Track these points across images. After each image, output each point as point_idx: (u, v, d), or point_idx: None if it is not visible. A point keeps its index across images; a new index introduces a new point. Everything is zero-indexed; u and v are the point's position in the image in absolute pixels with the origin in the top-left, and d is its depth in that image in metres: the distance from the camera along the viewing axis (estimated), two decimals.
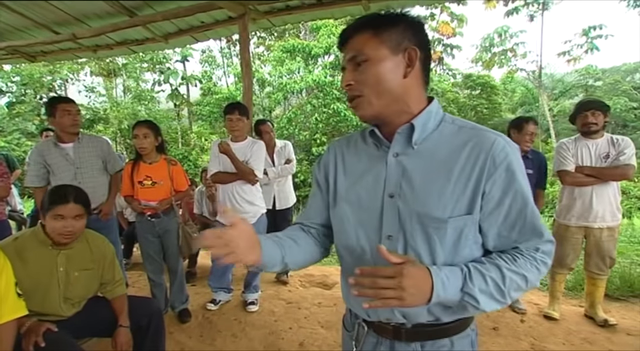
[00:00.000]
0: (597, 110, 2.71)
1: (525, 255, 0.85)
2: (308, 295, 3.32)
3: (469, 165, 0.84)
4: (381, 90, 0.85)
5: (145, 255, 2.90)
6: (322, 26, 13.55)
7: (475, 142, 0.85)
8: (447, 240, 0.85)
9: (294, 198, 3.98)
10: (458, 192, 0.84)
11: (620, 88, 22.12)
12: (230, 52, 18.40)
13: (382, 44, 0.85)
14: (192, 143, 16.54)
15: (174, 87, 17.98)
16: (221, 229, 0.81)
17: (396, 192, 0.88)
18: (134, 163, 2.80)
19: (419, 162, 0.88)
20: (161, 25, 4.24)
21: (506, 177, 0.83)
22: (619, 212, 2.78)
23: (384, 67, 0.85)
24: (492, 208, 0.85)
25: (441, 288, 0.77)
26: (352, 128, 13.13)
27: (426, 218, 0.85)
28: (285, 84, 13.32)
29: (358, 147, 1.00)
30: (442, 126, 0.90)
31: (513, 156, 0.84)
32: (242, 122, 2.86)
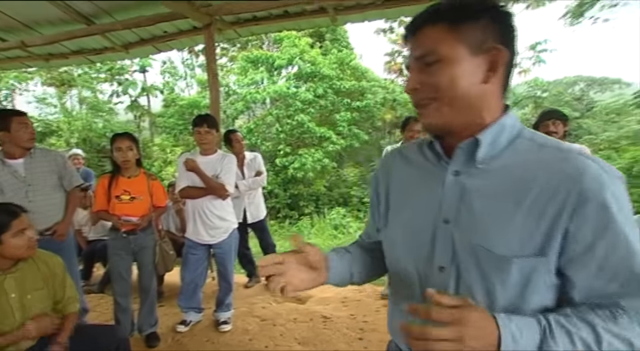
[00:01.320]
0: (557, 119, 2.85)
1: (630, 314, 0.65)
2: (282, 311, 3.21)
3: (547, 194, 0.66)
4: (454, 97, 0.70)
5: (114, 275, 2.72)
6: (284, 37, 13.58)
7: (559, 166, 0.67)
8: (510, 283, 0.69)
9: (265, 211, 3.90)
10: (530, 226, 0.67)
11: (563, 99, 23.67)
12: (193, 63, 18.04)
13: (459, 42, 0.69)
14: (155, 155, 15.97)
15: (133, 98, 17.35)
16: (278, 256, 0.76)
17: (452, 218, 0.74)
18: (111, 177, 2.64)
19: (483, 183, 0.72)
20: (121, 34, 4.06)
21: (600, 215, 0.64)
22: None
23: (460, 71, 0.69)
24: (579, 253, 0.66)
25: (511, 344, 0.60)
26: (315, 139, 13.15)
27: (484, 254, 0.70)
28: (247, 94, 13.22)
29: (413, 159, 0.86)
30: (518, 142, 0.73)
31: (611, 188, 0.64)
32: (211, 135, 2.75)
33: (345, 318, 3.05)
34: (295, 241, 0.80)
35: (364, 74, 14.07)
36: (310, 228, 10.64)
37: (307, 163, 12.15)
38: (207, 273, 3.10)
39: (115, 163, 2.63)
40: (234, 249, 2.98)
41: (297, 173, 12.26)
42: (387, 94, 14.92)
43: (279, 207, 12.67)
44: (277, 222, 11.67)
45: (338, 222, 10.08)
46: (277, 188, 12.92)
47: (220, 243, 2.86)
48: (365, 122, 14.56)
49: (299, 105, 12.82)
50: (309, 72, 13.09)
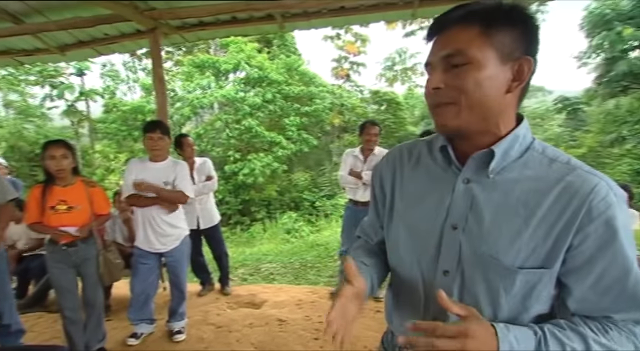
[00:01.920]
0: None
1: (620, 327, 0.69)
2: (237, 317, 3.19)
3: (556, 210, 0.67)
4: (477, 102, 0.69)
5: (59, 290, 2.55)
6: (231, 42, 13.41)
7: (569, 182, 0.68)
8: (514, 293, 0.71)
9: (219, 216, 3.85)
10: (537, 240, 0.69)
11: None
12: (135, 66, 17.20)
13: (491, 47, 0.67)
14: (96, 163, 15.01)
15: (70, 102, 16.17)
16: (341, 306, 0.74)
17: (460, 225, 0.75)
18: (44, 187, 2.46)
19: (494, 195, 0.72)
20: (56, 35, 3.80)
21: (604, 233, 0.66)
22: None
23: (487, 77, 0.67)
24: (579, 265, 0.69)
25: None
26: (266, 144, 13.09)
27: (491, 263, 0.71)
28: (194, 99, 12.89)
29: (422, 160, 0.85)
30: (529, 154, 0.73)
31: (618, 208, 0.66)
32: (163, 141, 2.69)
33: (301, 320, 3.09)
34: (349, 270, 0.78)
35: (312, 79, 14.26)
36: (263, 233, 10.57)
37: (256, 168, 12.06)
38: (158, 282, 3.00)
39: (48, 172, 2.46)
40: (186, 257, 2.92)
41: (247, 179, 12.13)
42: (335, 99, 15.23)
43: (230, 214, 12.46)
44: (229, 229, 11.46)
45: (290, 227, 10.11)
46: (228, 195, 12.69)
47: (171, 251, 2.79)
48: (314, 127, 14.75)
49: (247, 110, 12.71)
50: (257, 77, 13.04)
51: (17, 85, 15.68)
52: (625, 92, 13.75)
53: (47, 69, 15.44)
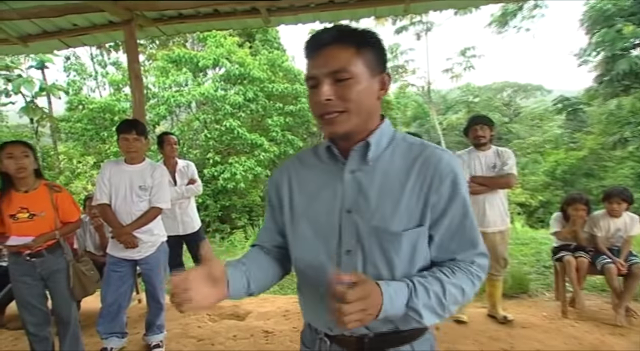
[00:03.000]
0: (484, 124, 3.23)
1: (462, 268, 0.95)
2: (221, 329, 3.23)
3: (420, 179, 0.94)
4: (361, 109, 0.92)
5: (23, 304, 2.52)
6: (209, 36, 13.38)
7: (425, 157, 0.96)
8: (403, 253, 0.93)
9: (199, 222, 3.88)
10: (411, 205, 0.93)
11: (493, 104, 26.10)
12: (105, 60, 16.98)
13: (364, 65, 0.91)
14: (61, 166, 14.71)
15: (29, 98, 15.83)
16: (185, 272, 0.84)
17: (353, 208, 0.96)
18: (1, 194, 2.43)
19: (375, 177, 0.96)
20: (18, 24, 3.74)
21: (451, 189, 0.94)
22: (507, 216, 3.30)
23: (365, 88, 0.91)
24: (437, 217, 0.95)
25: (389, 304, 0.84)
26: (247, 146, 13.07)
27: (383, 233, 0.93)
28: (170, 97, 12.76)
29: (312, 163, 1.07)
30: (394, 143, 1.00)
31: (458, 170, 0.96)
32: (139, 142, 2.72)
33: (288, 331, 3.15)
34: (205, 252, 0.89)
35: (297, 76, 14.27)
36: (245, 241, 10.53)
37: (237, 172, 12.02)
38: (132, 292, 3.02)
39: (5, 176, 2.42)
40: (163, 264, 2.95)
41: (227, 183, 12.06)
42: None
43: (209, 220, 12.37)
44: (208, 236, 11.37)
45: None
46: (208, 199, 12.61)
47: (146, 258, 2.82)
48: (299, 127, 14.78)
49: (228, 109, 12.63)
50: (238, 74, 12.99)
51: None
52: (627, 91, 14.20)
53: (3, 60, 15.06)
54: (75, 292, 2.67)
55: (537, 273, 4.64)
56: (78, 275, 2.67)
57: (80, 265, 2.74)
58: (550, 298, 3.88)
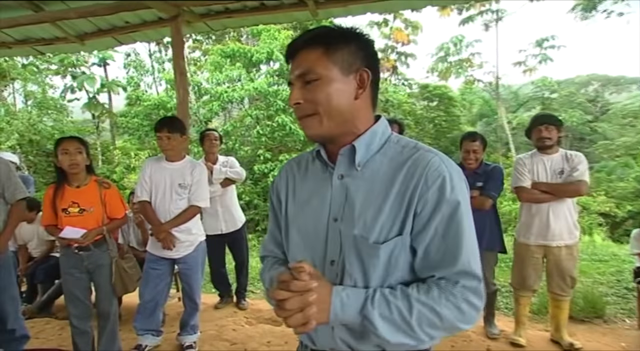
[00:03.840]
0: (550, 124, 3.00)
1: (442, 289, 0.87)
2: (255, 334, 3.28)
3: (405, 184, 0.90)
4: (331, 111, 0.91)
5: (68, 296, 2.73)
6: (262, 30, 13.70)
7: (413, 160, 0.91)
8: (379, 264, 0.90)
9: (243, 218, 3.97)
10: (393, 214, 0.90)
11: (575, 100, 24.37)
12: (162, 56, 18.01)
13: (333, 64, 0.90)
14: (116, 160, 15.81)
15: (91, 94, 17.16)
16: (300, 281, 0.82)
17: (339, 216, 0.95)
18: (56, 188, 2.64)
19: (361, 184, 0.94)
20: (75, 23, 4.06)
21: (437, 197, 0.88)
22: (577, 229, 3.05)
23: (335, 88, 0.90)
24: (421, 227, 0.89)
25: (339, 308, 0.83)
26: (299, 143, 13.22)
27: (361, 243, 0.91)
28: (223, 92, 13.22)
29: (307, 168, 1.07)
30: (387, 146, 0.97)
31: (447, 175, 0.89)
32: (174, 140, 2.83)
33: None
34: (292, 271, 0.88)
35: None
36: None
37: None
38: (169, 291, 3.15)
39: (60, 170, 2.63)
40: (201, 264, 3.05)
41: None
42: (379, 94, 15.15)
43: (259, 219, 12.69)
44: (256, 236, 11.68)
45: None
46: (257, 198, 12.94)
47: (184, 257, 2.93)
48: None
49: (280, 105, 12.87)
50: None
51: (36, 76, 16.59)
52: None
53: (69, 58, 16.38)
54: (116, 288, 2.83)
55: (617, 295, 4.25)
56: (120, 272, 2.83)
57: (123, 261, 2.89)
58: (632, 326, 3.53)
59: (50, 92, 17.70)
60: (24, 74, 16.21)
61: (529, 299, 3.25)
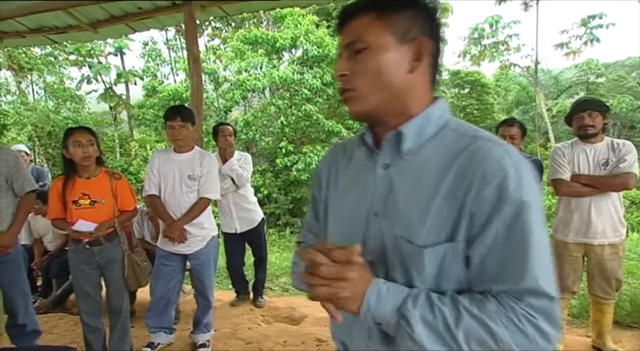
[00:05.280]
0: (594, 111, 2.84)
1: (500, 302, 0.76)
2: (271, 333, 3.28)
3: (457, 180, 0.79)
4: (380, 84, 0.84)
5: (79, 292, 2.77)
6: (287, 14, 13.66)
7: (470, 151, 0.80)
8: (426, 273, 0.81)
9: (260, 215, 3.97)
10: (443, 215, 0.79)
11: (625, 85, 23.39)
12: (179, 45, 18.23)
13: (386, 30, 0.83)
14: (134, 153, 16.16)
15: (109, 85, 17.52)
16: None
17: (380, 211, 0.87)
18: (65, 179, 2.66)
19: (408, 176, 0.85)
20: (88, 10, 4.10)
21: (497, 196, 0.76)
22: (623, 226, 2.90)
23: (387, 58, 0.83)
24: (476, 233, 0.78)
25: (374, 298, 0.77)
26: (323, 134, 13.19)
27: (404, 245, 0.82)
28: (245, 81, 13.26)
29: (353, 154, 1.00)
30: (442, 133, 0.87)
31: (512, 171, 0.77)
32: (185, 130, 2.83)
33: None
34: None
35: None
36: None
37: (312, 163, 12.18)
38: (181, 287, 3.18)
39: (69, 162, 2.65)
40: (214, 260, 3.06)
41: (301, 175, 12.30)
42: None
43: (279, 214, 12.77)
44: (277, 231, 11.75)
45: None
46: (277, 192, 13.01)
47: (196, 253, 2.94)
48: None
49: (306, 94, 12.79)
50: (315, 55, 13.11)
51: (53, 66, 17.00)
52: None
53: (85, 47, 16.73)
54: (129, 283, 2.86)
55: None
56: (132, 266, 2.86)
57: (135, 255, 2.93)
58: None
59: (68, 82, 18.15)
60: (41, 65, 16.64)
61: (568, 301, 3.13)
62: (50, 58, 17.20)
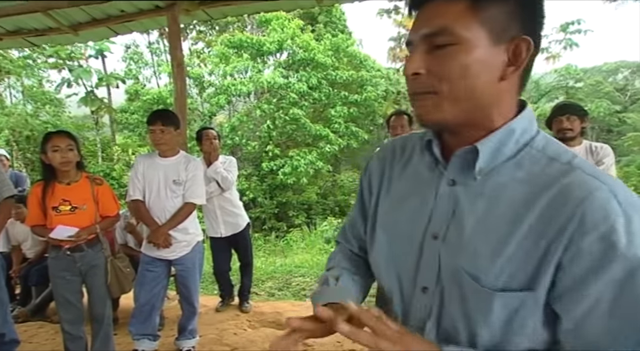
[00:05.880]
0: (572, 114, 2.92)
1: None
2: (257, 338, 3.26)
3: (545, 220, 0.65)
4: (463, 92, 0.68)
5: (60, 300, 2.71)
6: (273, 18, 13.66)
7: (564, 185, 0.65)
8: (492, 320, 0.68)
9: (246, 219, 3.95)
10: (522, 255, 0.66)
11: (602, 90, 23.99)
12: (162, 48, 18.09)
13: (480, 25, 0.66)
14: (116, 157, 15.97)
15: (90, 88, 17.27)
16: None
17: (441, 234, 0.75)
18: (45, 185, 2.61)
19: (479, 200, 0.72)
20: (68, 12, 4.02)
21: (600, 249, 0.60)
22: None
23: (477, 60, 0.67)
24: (568, 288, 0.64)
25: None
26: (310, 138, 13.21)
27: (468, 281, 0.70)
28: (230, 85, 13.20)
29: (412, 157, 0.86)
30: (525, 152, 0.71)
31: (621, 219, 0.60)
32: (168, 134, 2.81)
33: (330, 345, 3.10)
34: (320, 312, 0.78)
35: (362, 62, 14.18)
36: (301, 241, 10.69)
37: (299, 166, 12.18)
38: (165, 293, 3.15)
39: (48, 167, 2.60)
40: (199, 266, 3.04)
41: (287, 178, 12.30)
42: (390, 86, 15.08)
43: (265, 218, 12.75)
44: (262, 236, 11.72)
45: (330, 235, 10.11)
46: (262, 196, 12.98)
47: (181, 258, 2.91)
48: (364, 119, 14.71)
49: (293, 98, 12.80)
50: (301, 59, 13.14)
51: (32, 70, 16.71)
52: None
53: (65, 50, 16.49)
54: (112, 289, 2.82)
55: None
56: (115, 272, 2.82)
57: (118, 261, 2.89)
58: None
59: (47, 86, 17.83)
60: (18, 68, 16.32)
61: None
62: (29, 61, 16.90)
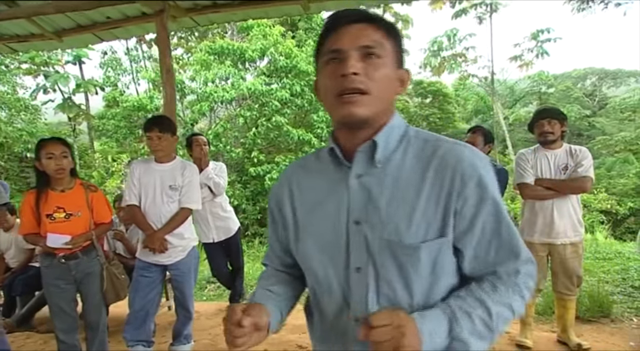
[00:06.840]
0: (553, 118, 3.05)
1: (506, 282, 0.89)
2: None
3: (437, 183, 0.88)
4: (383, 96, 0.89)
5: (54, 309, 2.68)
6: (254, 25, 13.61)
7: (440, 156, 0.89)
8: (422, 269, 0.88)
9: (237, 224, 3.99)
10: (429, 213, 0.87)
11: (572, 95, 24.79)
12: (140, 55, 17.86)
13: (392, 52, 0.90)
14: (96, 164, 15.65)
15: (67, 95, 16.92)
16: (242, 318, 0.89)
17: (362, 219, 0.91)
18: (38, 192, 2.58)
19: (385, 182, 0.91)
20: (53, 19, 4.00)
21: (477, 192, 0.87)
22: (581, 226, 3.10)
23: (391, 75, 0.90)
24: (465, 227, 0.88)
25: (429, 341, 0.79)
26: (292, 145, 13.20)
27: (397, 246, 0.87)
28: (212, 92, 13.09)
29: (314, 169, 1.03)
30: (406, 140, 0.94)
31: (483, 169, 0.89)
32: (165, 140, 2.82)
33: None
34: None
35: None
36: None
37: None
38: (160, 299, 3.14)
39: (42, 175, 2.58)
40: (194, 271, 3.05)
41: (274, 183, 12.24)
42: None
43: (248, 224, 12.65)
44: (246, 241, 11.65)
45: None
46: (245, 202, 12.89)
47: (177, 263, 2.92)
48: None
49: (276, 105, 12.75)
50: (284, 65, 13.12)
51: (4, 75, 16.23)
52: None
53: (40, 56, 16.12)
54: (108, 296, 2.80)
55: (624, 294, 4.31)
56: (111, 278, 2.80)
57: (113, 267, 2.87)
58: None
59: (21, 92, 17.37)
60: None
61: (534, 299, 3.29)
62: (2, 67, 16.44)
